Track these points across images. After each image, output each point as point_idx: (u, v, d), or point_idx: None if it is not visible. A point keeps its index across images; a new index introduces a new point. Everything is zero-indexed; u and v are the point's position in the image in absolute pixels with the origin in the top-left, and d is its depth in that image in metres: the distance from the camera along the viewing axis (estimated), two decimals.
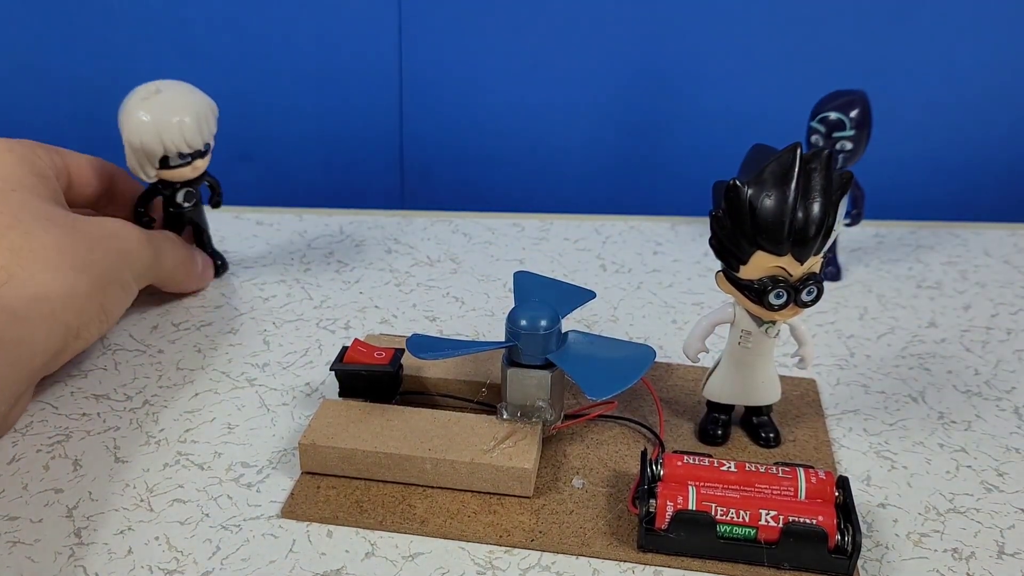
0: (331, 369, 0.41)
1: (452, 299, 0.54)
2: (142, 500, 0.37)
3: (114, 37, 0.72)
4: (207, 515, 0.37)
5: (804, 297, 0.36)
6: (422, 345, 0.39)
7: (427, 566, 0.34)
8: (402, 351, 0.41)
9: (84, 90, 0.74)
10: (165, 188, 0.51)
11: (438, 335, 0.50)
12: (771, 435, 0.41)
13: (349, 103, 0.74)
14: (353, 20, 0.71)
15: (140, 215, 0.51)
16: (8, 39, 0.72)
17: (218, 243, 0.57)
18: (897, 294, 0.55)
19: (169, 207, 0.52)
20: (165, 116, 0.47)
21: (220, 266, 0.55)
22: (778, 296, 0.36)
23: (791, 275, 0.35)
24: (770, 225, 0.34)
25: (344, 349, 0.42)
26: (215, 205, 0.54)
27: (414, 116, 0.74)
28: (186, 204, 0.52)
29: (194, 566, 0.34)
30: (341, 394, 0.41)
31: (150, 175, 0.49)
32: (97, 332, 0.43)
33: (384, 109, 0.74)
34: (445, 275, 0.57)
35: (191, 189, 0.52)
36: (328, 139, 0.75)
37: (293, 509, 0.36)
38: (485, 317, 0.52)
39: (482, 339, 0.50)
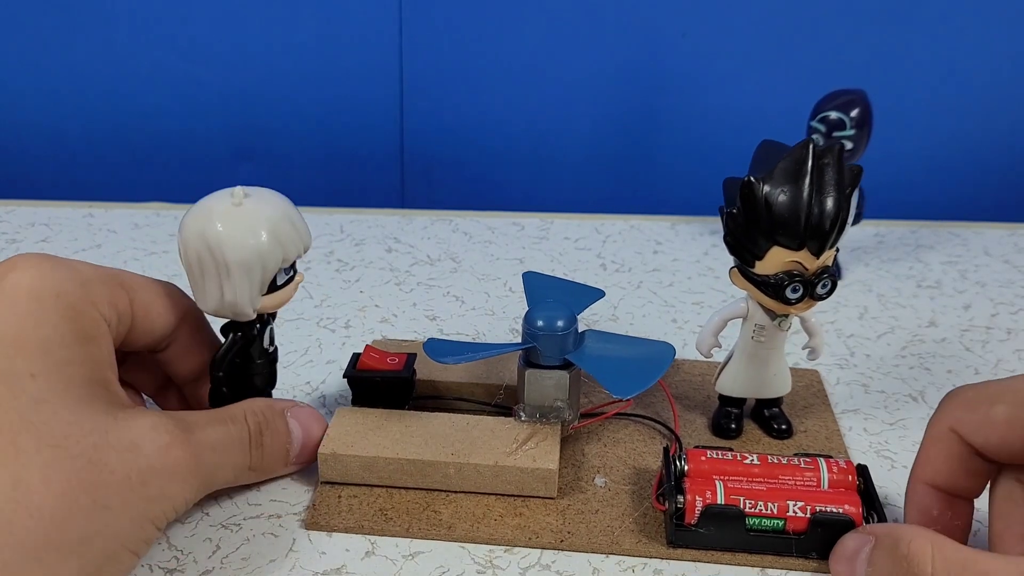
0: (345, 376, 0.41)
1: (452, 298, 0.54)
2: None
3: (114, 37, 0.72)
4: (207, 514, 0.37)
5: (819, 290, 0.36)
6: (441, 349, 0.38)
7: (427, 565, 0.34)
8: (415, 356, 0.41)
9: (86, 91, 0.74)
10: (252, 330, 0.37)
11: (439, 335, 0.50)
12: (783, 427, 0.41)
13: (350, 102, 0.74)
14: (353, 19, 0.71)
15: (220, 384, 0.37)
16: (8, 39, 0.72)
17: None
18: (897, 293, 0.55)
19: (246, 362, 0.37)
20: (270, 216, 0.35)
21: None
22: (794, 290, 0.36)
23: (807, 269, 0.36)
24: (787, 220, 0.35)
25: (356, 356, 0.41)
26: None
27: (414, 115, 0.74)
28: (271, 347, 0.38)
29: (194, 565, 0.34)
30: (355, 401, 0.41)
31: (256, 307, 0.35)
32: None
33: (384, 108, 0.74)
34: (445, 274, 0.57)
35: (272, 325, 0.38)
36: (328, 138, 0.75)
37: (317, 520, 0.36)
38: (485, 316, 0.52)
39: (482, 338, 0.50)
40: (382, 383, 0.40)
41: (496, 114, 0.74)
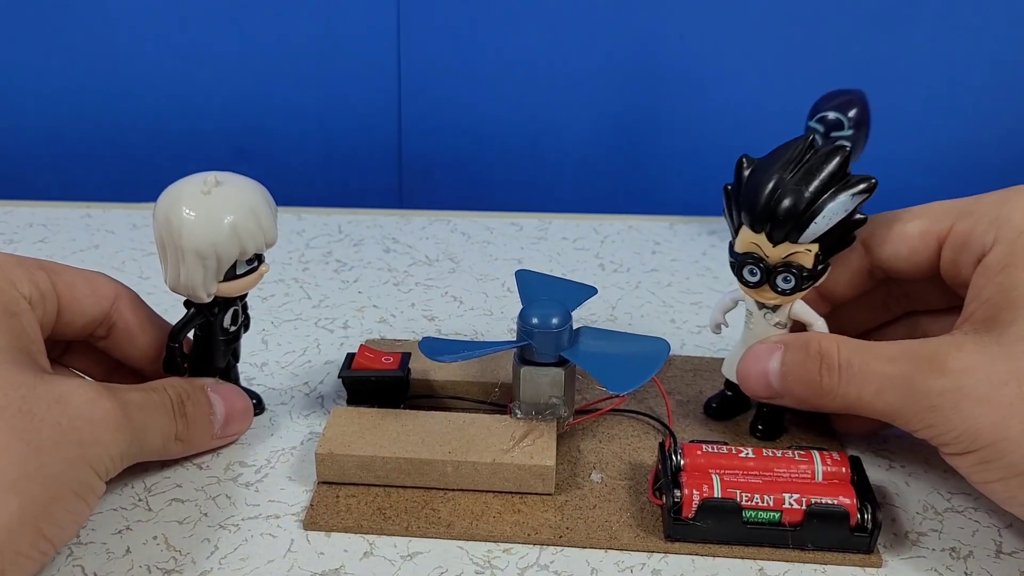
0: (340, 377, 0.41)
1: (451, 298, 0.54)
2: (140, 499, 0.37)
3: (113, 37, 0.72)
4: (205, 514, 0.37)
5: (780, 283, 0.36)
6: (436, 348, 0.39)
7: (425, 565, 0.34)
8: (409, 355, 0.41)
9: (84, 91, 0.74)
10: (211, 310, 0.38)
11: (437, 335, 0.50)
12: (760, 426, 0.41)
13: (348, 102, 0.74)
14: (352, 19, 0.71)
15: (174, 353, 0.38)
16: (6, 40, 0.72)
17: None
18: None
19: (206, 337, 0.39)
20: (238, 209, 0.36)
21: (256, 404, 0.42)
22: (752, 273, 0.37)
23: (767, 256, 0.36)
24: (749, 200, 0.35)
25: (351, 356, 0.41)
26: (245, 329, 0.41)
27: (412, 115, 0.74)
28: (232, 328, 0.39)
29: (192, 566, 0.34)
30: (350, 401, 0.41)
31: (211, 293, 0.37)
32: (32, 569, 0.31)
33: (382, 108, 0.74)
34: (443, 274, 0.57)
35: (237, 308, 0.39)
36: (327, 138, 0.75)
37: (315, 520, 0.36)
38: (483, 316, 0.52)
39: (480, 338, 0.50)
40: (377, 383, 0.41)
41: (494, 114, 0.74)
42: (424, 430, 0.38)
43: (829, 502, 0.34)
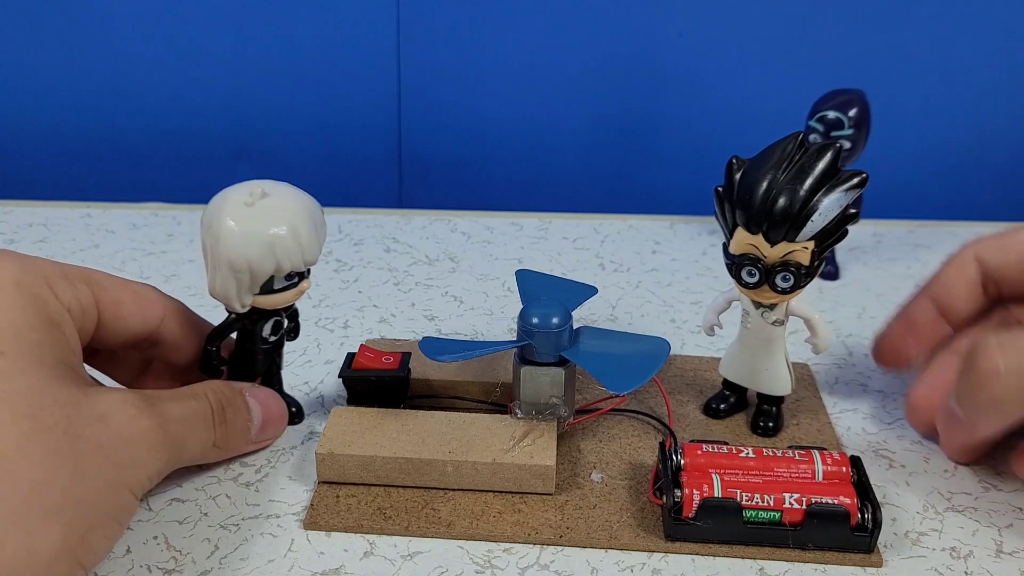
0: (340, 376, 0.41)
1: (451, 298, 0.54)
2: (140, 499, 0.37)
3: (113, 37, 0.72)
4: (206, 514, 0.37)
5: (779, 283, 0.36)
6: (436, 348, 0.39)
7: (426, 565, 0.34)
8: (409, 355, 0.41)
9: (84, 91, 0.74)
10: (250, 319, 0.38)
11: (437, 334, 0.50)
12: (766, 424, 0.41)
13: (348, 102, 0.74)
14: (352, 19, 0.71)
15: (211, 356, 0.39)
16: (6, 39, 0.72)
17: None
18: (895, 293, 0.55)
19: (246, 343, 0.39)
20: (278, 225, 0.35)
21: (295, 413, 0.42)
22: (751, 274, 0.37)
23: (764, 256, 0.36)
24: (744, 201, 0.35)
25: (351, 356, 0.42)
26: (292, 337, 0.41)
27: (412, 115, 0.74)
28: (272, 338, 0.39)
29: (192, 565, 0.34)
30: (350, 401, 0.41)
31: (245, 304, 0.36)
32: None
33: (382, 108, 0.74)
34: (444, 274, 0.57)
35: (280, 318, 0.39)
36: (327, 138, 0.75)
37: (315, 520, 0.36)
38: (484, 316, 0.52)
39: (481, 338, 0.50)
40: (377, 382, 0.41)
41: (494, 114, 0.74)
42: (424, 430, 0.38)
43: (829, 502, 0.34)
